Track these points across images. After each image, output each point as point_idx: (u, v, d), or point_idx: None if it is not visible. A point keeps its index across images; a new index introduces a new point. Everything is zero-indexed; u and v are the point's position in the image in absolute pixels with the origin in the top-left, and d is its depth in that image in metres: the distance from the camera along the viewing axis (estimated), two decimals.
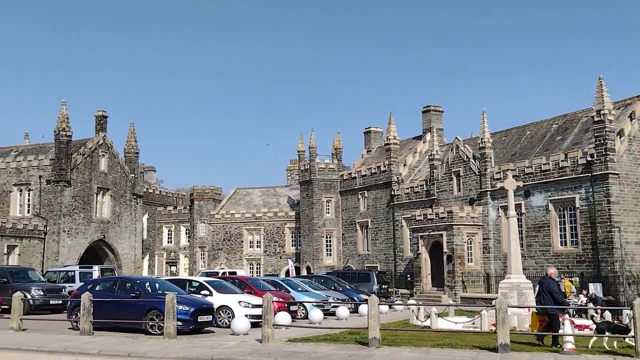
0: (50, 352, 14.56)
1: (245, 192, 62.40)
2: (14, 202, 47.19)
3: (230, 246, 57.02)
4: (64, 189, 45.89)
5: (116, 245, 50.73)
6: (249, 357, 13.32)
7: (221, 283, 22.56)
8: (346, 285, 30.98)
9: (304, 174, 52.13)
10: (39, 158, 47.11)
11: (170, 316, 16.31)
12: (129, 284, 19.55)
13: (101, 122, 50.59)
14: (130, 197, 52.86)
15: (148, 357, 13.64)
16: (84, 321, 17.29)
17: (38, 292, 26.18)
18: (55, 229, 45.14)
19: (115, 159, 51.45)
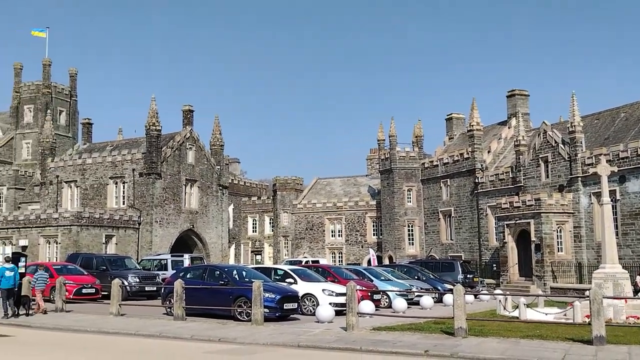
0: (147, 336, 15.36)
1: (326, 182, 62.90)
2: (110, 194, 49.98)
3: (312, 235, 57.75)
4: (155, 181, 48.09)
5: (204, 234, 52.68)
6: (334, 344, 13.51)
7: (305, 271, 22.91)
8: (429, 275, 30.62)
9: (385, 163, 51.83)
10: (132, 152, 49.58)
11: (258, 303, 16.78)
12: (218, 272, 20.25)
13: (188, 116, 52.52)
14: (217, 188, 54.65)
15: (237, 342, 14.12)
16: (177, 307, 18.12)
17: (134, 279, 27.63)
18: (148, 219, 47.45)
19: (201, 151, 53.32)
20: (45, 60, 65.90)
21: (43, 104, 64.40)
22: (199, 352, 12.69)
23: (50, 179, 52.37)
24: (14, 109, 66.37)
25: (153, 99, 48.91)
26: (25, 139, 65.29)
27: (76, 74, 70.04)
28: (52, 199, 51.60)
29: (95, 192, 50.37)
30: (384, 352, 12.70)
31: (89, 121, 57.69)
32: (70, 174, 51.69)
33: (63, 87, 67.89)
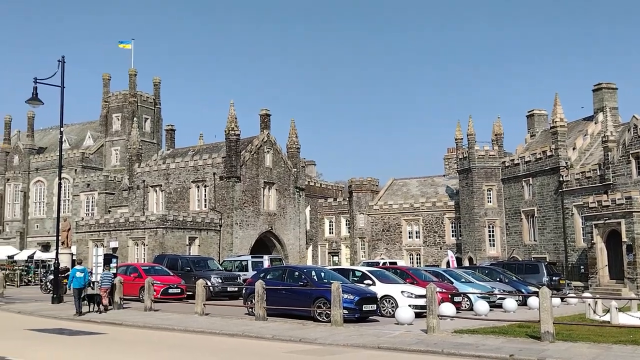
0: (231, 335, 15.79)
1: (402, 183, 62.32)
2: (193, 198, 51.78)
3: (389, 237, 57.37)
4: (235, 184, 49.36)
5: (282, 236, 53.52)
6: (415, 346, 13.36)
7: (383, 273, 22.79)
8: (512, 277, 29.66)
9: (463, 162, 50.72)
10: (213, 156, 51.15)
11: (337, 304, 16.86)
12: (297, 273, 20.51)
13: (265, 120, 53.58)
14: (294, 190, 55.41)
15: (318, 343, 14.25)
16: (259, 307, 18.50)
17: (217, 279, 28.47)
18: (229, 222, 48.77)
19: (278, 154, 54.24)
20: (131, 71, 69.26)
21: (130, 112, 67.70)
22: (281, 352, 12.91)
23: (137, 184, 54.89)
24: (104, 117, 70.18)
25: (232, 104, 50.28)
26: (114, 146, 68.85)
27: (159, 82, 73.20)
28: (139, 202, 54.06)
29: (179, 196, 52.32)
30: (467, 356, 12.44)
31: (172, 127, 60.03)
32: (155, 179, 53.97)
33: (148, 95, 71.10)
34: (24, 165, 68.08)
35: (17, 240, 65.66)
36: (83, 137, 70.89)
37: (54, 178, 64.62)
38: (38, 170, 67.38)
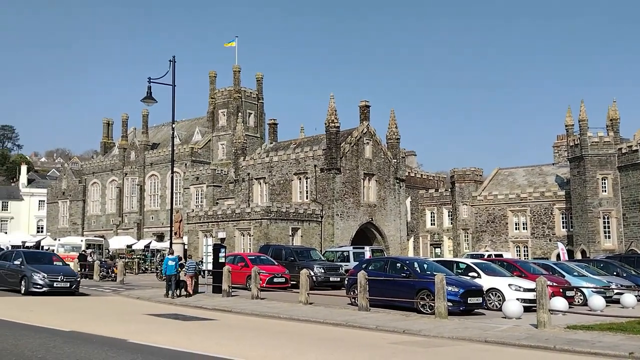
0: (335, 324, 16.00)
1: (508, 172, 60.05)
2: (295, 190, 52.90)
3: (494, 228, 55.56)
4: (335, 176, 49.84)
5: (383, 227, 53.39)
6: (524, 341, 12.88)
7: (489, 265, 22.12)
8: (631, 271, 27.71)
9: (574, 150, 47.99)
10: (313, 149, 51.92)
11: (441, 296, 16.60)
12: (399, 264, 20.41)
13: (364, 112, 53.57)
14: (394, 181, 55.04)
15: (422, 335, 14.11)
16: (361, 298, 18.61)
17: (320, 269, 28.95)
18: (330, 213, 49.37)
19: (378, 145, 54.06)
20: (235, 67, 71.76)
21: (234, 108, 70.21)
22: (385, 342, 12.92)
23: (243, 177, 56.89)
24: (210, 113, 73.29)
25: (332, 97, 50.72)
26: (220, 141, 71.74)
27: (262, 78, 75.28)
28: (245, 194, 56.02)
29: (282, 188, 53.63)
30: (582, 353, 11.81)
31: (274, 121, 61.55)
32: (259, 171, 55.66)
33: (251, 91, 73.38)
34: (139, 161, 72.62)
35: (134, 230, 70.31)
36: (192, 133, 74.45)
37: (166, 172, 68.54)
38: (152, 165, 71.64)
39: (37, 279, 22.13)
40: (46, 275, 22.36)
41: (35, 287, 22.01)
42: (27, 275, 22.28)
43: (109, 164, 76.44)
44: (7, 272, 23.80)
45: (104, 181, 76.79)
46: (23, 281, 22.43)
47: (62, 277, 22.69)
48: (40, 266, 22.99)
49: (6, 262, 24.21)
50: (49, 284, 22.20)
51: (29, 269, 22.54)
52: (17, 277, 22.98)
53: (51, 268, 23.22)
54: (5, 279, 23.80)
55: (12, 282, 23.34)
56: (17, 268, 23.19)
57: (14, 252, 25.87)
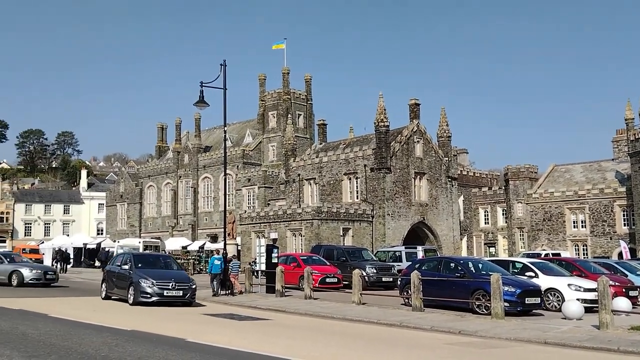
0: (388, 325, 15.92)
1: (565, 169, 58.28)
2: (345, 190, 52.88)
3: (551, 226, 54.03)
4: (386, 176, 49.55)
5: (435, 226, 52.73)
6: (586, 343, 12.49)
7: (547, 265, 21.56)
8: None
9: (635, 144, 46.13)
10: (363, 148, 51.77)
11: (497, 297, 16.28)
12: (453, 264, 20.11)
13: (414, 110, 53.04)
14: (445, 180, 54.29)
15: (478, 335, 13.87)
16: (415, 298, 18.44)
17: (372, 270, 28.86)
18: (381, 213, 49.12)
19: (429, 144, 53.43)
20: (284, 69, 72.37)
21: (284, 110, 70.82)
22: (440, 343, 12.76)
23: (293, 177, 57.28)
24: (261, 116, 74.16)
25: (381, 96, 50.44)
26: (271, 142, 72.50)
27: (310, 79, 75.65)
28: (295, 195, 56.39)
29: (332, 188, 53.72)
30: None
31: (324, 122, 61.72)
32: (309, 172, 55.92)
33: (300, 92, 73.85)
34: (193, 163, 74.20)
35: (189, 232, 71.89)
36: (243, 135, 75.53)
37: (219, 174, 69.78)
38: (205, 168, 73.06)
39: (145, 287, 18.85)
40: (155, 282, 18.96)
41: (144, 296, 18.76)
42: (135, 282, 19.08)
43: (164, 167, 78.41)
44: (117, 278, 20.71)
45: (159, 184, 78.82)
46: (131, 289, 19.22)
47: (173, 284, 19.13)
48: (148, 271, 19.70)
49: (116, 266, 21.41)
50: (158, 293, 18.82)
51: (137, 275, 19.32)
52: (125, 285, 19.78)
53: (161, 273, 19.82)
54: (114, 286, 20.87)
55: (120, 290, 20.25)
56: (125, 273, 20.05)
57: (123, 254, 22.78)
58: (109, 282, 21.23)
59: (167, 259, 22.71)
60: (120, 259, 21.61)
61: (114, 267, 21.48)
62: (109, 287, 21.11)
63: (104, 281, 21.63)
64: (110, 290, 20.99)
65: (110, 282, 21.11)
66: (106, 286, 21.37)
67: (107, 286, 21.26)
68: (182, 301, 19.38)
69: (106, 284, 21.42)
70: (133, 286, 19.14)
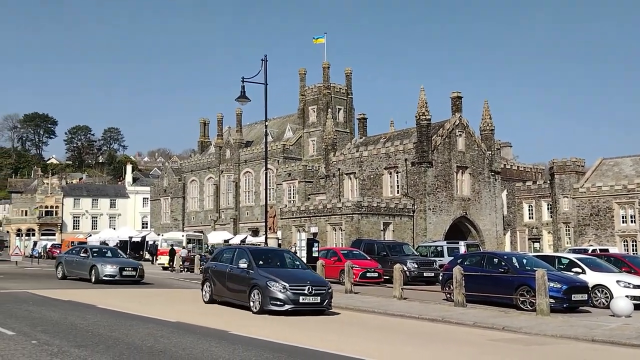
0: (430, 320, 15.77)
1: (613, 162, 56.47)
2: (386, 184, 52.62)
3: (598, 222, 52.50)
4: (427, 170, 49.07)
5: (477, 221, 51.97)
6: (635, 341, 12.11)
7: (594, 261, 21.00)
8: None
9: None
10: (404, 142, 51.38)
11: (542, 293, 15.94)
12: (497, 259, 19.78)
13: (456, 103, 52.32)
14: (488, 174, 53.42)
15: (522, 332, 13.61)
16: (457, 293, 18.22)
17: (413, 264, 28.66)
18: (422, 207, 48.69)
19: (471, 137, 52.64)
20: (324, 64, 72.35)
21: (324, 104, 70.84)
22: (483, 339, 12.58)
23: (333, 172, 57.32)
24: (301, 110, 74.41)
25: (422, 90, 49.94)
26: (311, 137, 72.69)
27: (351, 73, 75.45)
28: (335, 189, 56.43)
29: (372, 182, 53.53)
30: None
31: (364, 116, 61.49)
32: (349, 167, 55.86)
33: (340, 86, 73.73)
34: (234, 158, 75.07)
35: (231, 226, 72.85)
36: (283, 130, 75.95)
37: (260, 169, 70.41)
38: (246, 162, 73.82)
39: (275, 292, 15.07)
40: (288, 286, 15.13)
41: (275, 303, 15.02)
42: (261, 286, 15.31)
43: (206, 162, 79.56)
44: (229, 279, 16.84)
45: (201, 179, 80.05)
46: (254, 294, 15.51)
47: (309, 288, 15.31)
48: (274, 271, 16.02)
49: (226, 264, 17.38)
50: (292, 299, 15.03)
51: (261, 276, 15.59)
52: (243, 288, 16.06)
53: (291, 274, 16.00)
54: (225, 288, 16.92)
55: (237, 294, 16.39)
56: (243, 274, 16.20)
57: (234, 249, 18.54)
58: (214, 282, 17.38)
59: (289, 254, 18.76)
60: (231, 255, 17.59)
61: (222, 264, 17.57)
62: (217, 289, 17.27)
63: (207, 281, 17.78)
64: (219, 293, 17.24)
65: (217, 283, 17.26)
66: (211, 288, 17.49)
67: (214, 289, 17.38)
68: (318, 309, 15.61)
69: (211, 285, 17.53)
70: (258, 290, 15.37)
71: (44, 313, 14.30)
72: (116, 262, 25.38)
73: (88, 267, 25.04)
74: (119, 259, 26.43)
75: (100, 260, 25.30)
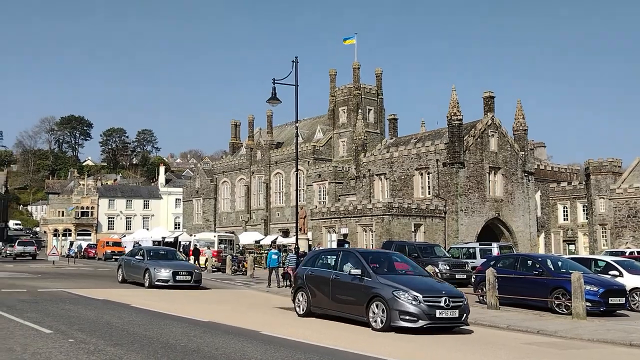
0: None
1: None
2: (417, 185, 52.25)
3: (636, 223, 51.14)
4: (459, 170, 48.56)
5: (510, 223, 51.21)
6: None
7: (632, 263, 20.58)
8: None
9: None
10: (435, 143, 50.94)
11: (579, 296, 15.64)
12: (531, 262, 19.48)
13: (489, 103, 51.67)
14: (521, 174, 52.61)
15: (558, 336, 13.37)
16: (490, 296, 17.99)
17: (445, 266, 28.41)
18: (454, 208, 48.19)
19: (504, 137, 51.92)
20: (354, 65, 72.22)
21: (354, 105, 70.71)
22: (518, 342, 12.39)
23: (363, 173, 57.16)
24: (331, 111, 74.40)
25: (453, 89, 49.47)
26: (341, 138, 72.61)
27: (381, 73, 75.12)
28: (366, 190, 56.25)
29: (403, 183, 53.21)
30: None
31: (394, 117, 61.15)
32: (380, 167, 55.63)
33: (370, 87, 73.48)
34: (265, 160, 75.49)
35: (262, 226, 73.24)
36: (314, 131, 76.05)
37: (290, 170, 70.62)
38: (277, 164, 74.14)
39: (406, 304, 12.49)
40: (421, 297, 12.56)
41: (405, 318, 12.45)
42: (386, 297, 12.66)
43: (237, 164, 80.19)
44: (335, 286, 14.20)
45: (233, 180, 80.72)
46: (376, 307, 12.85)
47: (446, 300, 12.74)
48: (397, 278, 13.51)
49: (328, 270, 14.78)
50: (428, 314, 12.47)
51: (383, 284, 12.98)
52: (360, 298, 13.34)
53: (421, 283, 13.31)
54: (328, 299, 14.36)
55: (348, 306, 13.76)
56: (355, 281, 13.57)
57: (339, 251, 15.94)
58: (312, 292, 14.92)
59: (397, 256, 15.85)
60: (334, 258, 15.02)
61: (322, 270, 15.01)
62: (317, 300, 14.80)
63: (302, 290, 15.34)
64: (319, 305, 14.72)
65: (316, 293, 14.79)
66: (308, 298, 15.03)
67: (312, 299, 14.90)
68: (456, 324, 13.15)
69: (307, 294, 15.07)
70: (381, 302, 12.73)
71: (80, 312, 14.62)
72: (170, 266, 23.23)
73: (142, 271, 23.31)
74: (172, 262, 24.17)
75: (153, 263, 23.35)
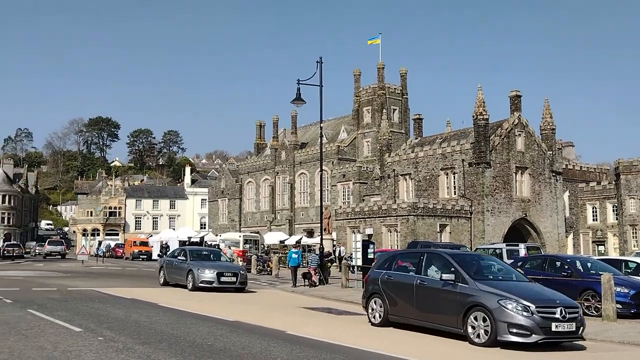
0: None
1: None
2: (442, 185, 51.88)
3: None
4: (485, 170, 48.08)
5: (538, 223, 50.54)
6: None
7: None
8: None
9: None
10: (461, 143, 50.53)
11: (609, 297, 15.35)
12: (559, 263, 19.20)
13: (515, 102, 51.09)
14: (549, 174, 51.87)
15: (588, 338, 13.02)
16: None
17: None
18: (480, 209, 47.74)
19: (531, 137, 51.27)
20: (379, 64, 72.00)
21: (378, 105, 70.49)
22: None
23: (388, 173, 56.96)
24: (355, 111, 74.28)
25: (479, 89, 49.05)
26: (365, 138, 72.46)
27: (406, 73, 74.74)
28: (390, 191, 56.05)
29: (428, 183, 52.89)
30: None
31: (419, 116, 60.82)
32: (404, 167, 55.38)
33: (395, 87, 73.17)
34: (289, 160, 75.70)
35: (286, 226, 73.46)
36: (338, 131, 76.01)
37: (315, 170, 70.68)
38: (301, 164, 74.30)
39: (516, 315, 10.63)
40: (533, 308, 10.69)
41: (515, 332, 10.59)
42: (489, 307, 10.83)
43: (262, 164, 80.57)
44: (423, 294, 12.34)
45: (257, 180, 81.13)
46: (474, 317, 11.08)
47: (561, 310, 10.89)
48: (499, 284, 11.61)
49: (409, 274, 12.92)
50: (542, 326, 10.62)
51: (485, 292, 11.15)
52: (454, 307, 11.53)
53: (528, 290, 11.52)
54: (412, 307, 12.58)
55: (437, 316, 11.97)
56: (447, 287, 11.77)
57: (422, 253, 13.45)
58: (391, 299, 13.12)
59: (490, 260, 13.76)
60: (416, 261, 13.10)
61: (402, 274, 13.15)
62: (397, 309, 13.02)
63: (376, 296, 13.50)
64: (400, 314, 12.96)
65: (396, 301, 13.01)
66: (385, 306, 13.20)
67: (391, 307, 13.10)
68: (572, 339, 11.38)
69: (384, 301, 13.24)
70: (485, 313, 10.93)
71: (109, 310, 14.84)
72: (214, 267, 22.06)
73: (185, 272, 22.18)
74: (216, 263, 23.00)
75: (197, 264, 22.26)
